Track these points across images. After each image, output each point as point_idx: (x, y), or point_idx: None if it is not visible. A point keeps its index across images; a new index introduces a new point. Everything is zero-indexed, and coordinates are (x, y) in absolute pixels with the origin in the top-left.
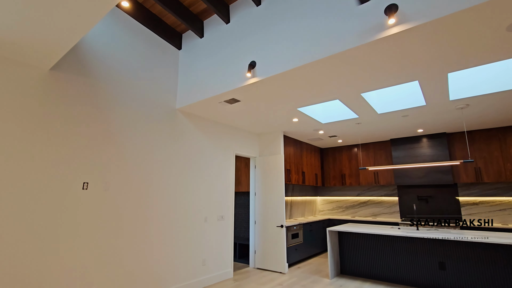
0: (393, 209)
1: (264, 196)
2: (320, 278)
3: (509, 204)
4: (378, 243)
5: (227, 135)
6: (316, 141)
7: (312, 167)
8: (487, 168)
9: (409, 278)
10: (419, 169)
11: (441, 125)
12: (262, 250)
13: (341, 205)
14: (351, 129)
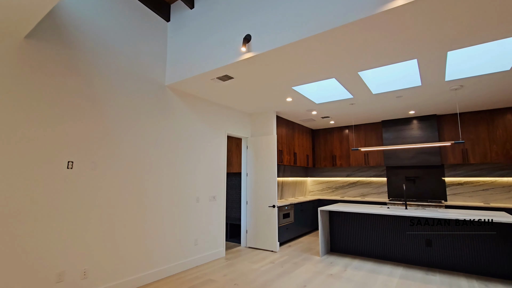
0: (381, 190)
1: (256, 177)
2: (310, 255)
3: (492, 184)
4: (367, 221)
5: (219, 114)
6: (308, 122)
7: (304, 148)
8: (474, 149)
9: (397, 255)
10: (408, 150)
11: (433, 106)
12: (254, 229)
13: (331, 186)
14: (345, 110)
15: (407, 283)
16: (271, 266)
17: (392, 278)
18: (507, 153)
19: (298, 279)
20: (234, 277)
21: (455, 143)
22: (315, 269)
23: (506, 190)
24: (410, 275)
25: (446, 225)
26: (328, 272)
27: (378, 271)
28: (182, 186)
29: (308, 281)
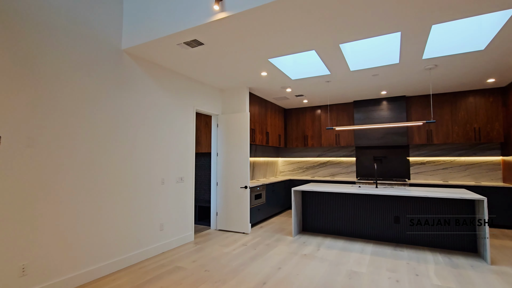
0: (350, 169)
1: (227, 157)
2: (283, 236)
3: (451, 163)
4: (339, 201)
5: (187, 88)
6: (281, 100)
7: (276, 128)
8: (438, 130)
9: (367, 233)
10: (378, 131)
11: (404, 87)
12: (225, 211)
13: (301, 166)
14: (320, 88)
15: (378, 259)
16: (244, 249)
17: (364, 255)
18: (467, 134)
19: (272, 261)
20: (205, 263)
21: (426, 122)
22: (289, 249)
23: (463, 168)
24: (380, 251)
25: (412, 202)
26: (302, 252)
27: (350, 249)
28: (145, 167)
29: (282, 263)
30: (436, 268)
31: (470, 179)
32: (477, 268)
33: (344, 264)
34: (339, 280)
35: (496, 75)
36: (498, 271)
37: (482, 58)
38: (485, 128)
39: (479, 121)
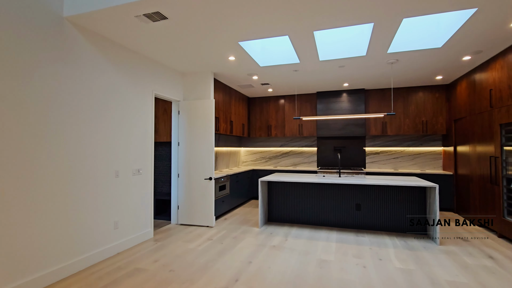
0: (311, 159)
1: (190, 147)
2: (249, 227)
3: (401, 153)
4: (305, 190)
5: (145, 70)
6: (246, 88)
7: (240, 117)
8: (391, 122)
9: (331, 220)
10: (338, 122)
11: (367, 79)
12: (187, 204)
13: (264, 156)
14: (286, 77)
15: (343, 246)
16: (210, 244)
17: (330, 243)
18: (416, 127)
19: (241, 255)
20: (168, 262)
21: (387, 114)
22: (257, 241)
23: (411, 158)
24: (344, 238)
25: (373, 190)
26: (270, 244)
27: (317, 238)
28: (96, 159)
29: (252, 256)
30: (396, 251)
31: (416, 167)
32: (429, 249)
33: (312, 253)
34: (311, 270)
35: (444, 72)
36: (446, 250)
37: (438, 55)
38: (431, 121)
39: (427, 115)
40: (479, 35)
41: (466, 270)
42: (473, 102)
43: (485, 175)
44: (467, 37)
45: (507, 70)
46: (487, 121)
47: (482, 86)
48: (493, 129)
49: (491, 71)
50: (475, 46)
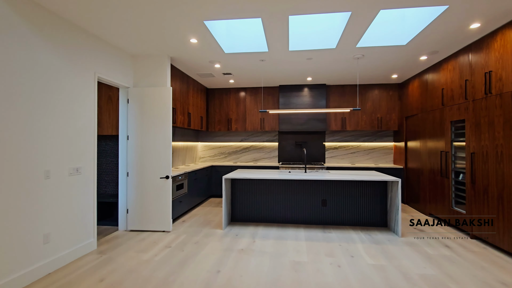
0: (272, 154)
1: (142, 141)
2: (212, 230)
3: (357, 148)
4: (270, 187)
5: (86, 47)
6: (205, 78)
7: (198, 109)
8: (350, 118)
9: (297, 217)
10: (301, 116)
11: (331, 74)
12: (139, 207)
13: (223, 151)
14: (251, 67)
15: (314, 245)
16: (169, 252)
17: (299, 242)
18: (372, 123)
19: (207, 264)
20: (118, 279)
21: (353, 110)
22: (222, 246)
23: (367, 152)
24: (313, 235)
25: (337, 185)
26: (238, 247)
27: (285, 237)
28: (15, 156)
29: (220, 263)
30: (364, 246)
31: (371, 161)
32: (393, 241)
33: (284, 255)
34: (286, 275)
35: (400, 71)
36: (408, 242)
37: (400, 53)
38: (386, 118)
39: (382, 112)
40: (442, 35)
41: (431, 261)
42: (425, 101)
43: (435, 168)
44: (430, 36)
45: (459, 71)
46: (438, 118)
47: (434, 86)
48: (444, 126)
49: (443, 72)
50: (433, 46)
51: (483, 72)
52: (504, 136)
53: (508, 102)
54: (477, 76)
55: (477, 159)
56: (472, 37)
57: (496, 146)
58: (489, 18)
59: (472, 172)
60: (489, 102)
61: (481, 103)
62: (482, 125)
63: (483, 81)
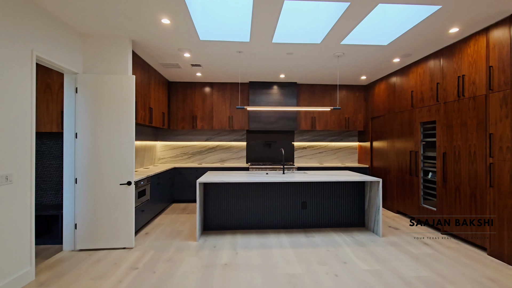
0: (240, 154)
1: (96, 140)
2: (184, 242)
3: (325, 148)
4: (246, 191)
5: (19, 14)
6: (169, 69)
7: (160, 104)
8: (320, 118)
9: (277, 222)
10: (272, 115)
11: (305, 72)
12: (91, 221)
13: (186, 151)
14: (225, 59)
15: (302, 252)
16: (137, 276)
17: (286, 250)
18: (340, 122)
19: (189, 286)
20: None
21: (334, 108)
22: (201, 261)
23: (334, 152)
24: (296, 241)
25: (316, 187)
26: (220, 262)
27: (268, 245)
28: None
29: (204, 285)
30: (351, 250)
31: (338, 161)
32: (376, 242)
33: (275, 267)
34: None
35: (370, 73)
36: (390, 242)
37: (379, 53)
38: (352, 118)
39: (349, 112)
40: (423, 38)
41: (419, 262)
42: (393, 102)
43: (403, 167)
44: (412, 38)
45: (430, 74)
46: (407, 119)
47: (403, 88)
48: (413, 126)
49: (413, 74)
50: (410, 49)
51: (456, 76)
52: (477, 137)
53: (482, 104)
54: (449, 80)
55: (449, 158)
56: (445, 42)
57: (469, 146)
58: (469, 23)
59: (443, 171)
60: (462, 105)
61: (453, 105)
62: (454, 127)
63: (455, 84)
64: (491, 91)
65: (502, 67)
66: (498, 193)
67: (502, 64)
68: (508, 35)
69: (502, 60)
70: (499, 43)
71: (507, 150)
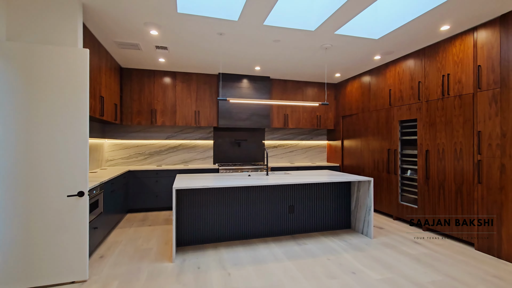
0: (206, 154)
1: (29, 135)
2: (156, 264)
3: (295, 147)
4: (226, 196)
5: None
6: (124, 50)
7: (112, 93)
8: (292, 115)
9: (263, 229)
10: (244, 111)
11: (282, 65)
12: (22, 249)
13: (142, 152)
14: (201, 41)
15: (301, 263)
16: None
17: (283, 263)
18: (312, 121)
19: None
20: None
21: (322, 104)
22: None
23: (304, 151)
24: (290, 250)
25: (302, 189)
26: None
27: (261, 259)
28: None
29: None
30: (351, 256)
31: (307, 160)
32: (371, 245)
33: (277, 283)
34: None
35: (345, 70)
36: (384, 243)
37: (366, 47)
38: (324, 117)
39: (320, 110)
40: (412, 34)
41: (422, 264)
42: (368, 101)
43: (380, 165)
44: (402, 34)
45: (410, 73)
46: (384, 117)
47: (379, 86)
48: (391, 125)
49: (390, 73)
50: (395, 46)
51: (440, 75)
52: (464, 135)
53: (469, 103)
54: (432, 78)
55: (432, 156)
56: (432, 40)
57: (455, 144)
58: (460, 22)
59: (426, 168)
60: (447, 103)
61: (437, 103)
62: (438, 124)
63: (439, 83)
64: (480, 89)
65: (492, 66)
66: (487, 189)
67: (492, 64)
68: (498, 35)
69: (491, 59)
70: (488, 43)
71: (496, 147)
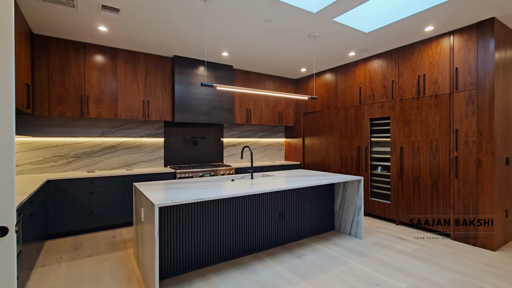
0: (155, 155)
1: None
2: None
3: (255, 144)
4: (210, 210)
5: None
6: (46, 6)
7: (21, 68)
8: (255, 111)
9: (254, 243)
10: (205, 103)
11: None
12: None
13: (64, 153)
14: (172, 7)
15: (318, 282)
16: None
17: (297, 285)
18: (274, 117)
19: None
20: None
21: (311, 98)
22: None
23: (263, 149)
24: (293, 266)
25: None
26: None
27: (268, 283)
28: None
29: None
30: (360, 263)
31: (267, 159)
32: (368, 247)
33: None
34: None
35: (311, 66)
36: (377, 243)
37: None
38: (285, 113)
39: (282, 106)
40: (397, 33)
41: (425, 261)
42: (334, 98)
43: (348, 163)
44: (391, 30)
45: (382, 71)
46: (353, 115)
47: (347, 84)
48: (362, 122)
49: (360, 71)
50: (375, 43)
51: (416, 75)
52: (440, 132)
53: (446, 102)
54: (406, 78)
55: (406, 153)
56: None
57: (431, 141)
58: (444, 24)
59: (401, 164)
60: (422, 102)
61: (412, 102)
62: (413, 122)
63: (414, 82)
64: (456, 90)
65: (468, 69)
66: (464, 183)
67: (468, 66)
68: (475, 40)
69: (468, 62)
70: (465, 46)
71: (473, 144)
